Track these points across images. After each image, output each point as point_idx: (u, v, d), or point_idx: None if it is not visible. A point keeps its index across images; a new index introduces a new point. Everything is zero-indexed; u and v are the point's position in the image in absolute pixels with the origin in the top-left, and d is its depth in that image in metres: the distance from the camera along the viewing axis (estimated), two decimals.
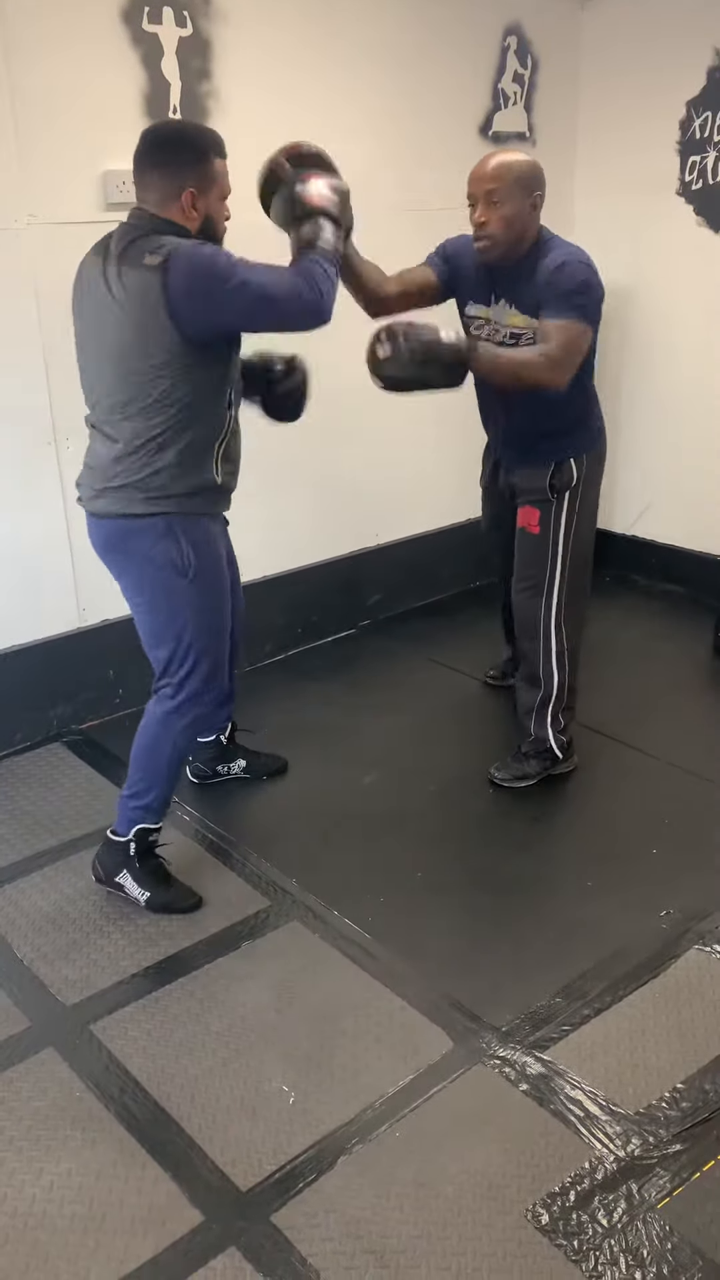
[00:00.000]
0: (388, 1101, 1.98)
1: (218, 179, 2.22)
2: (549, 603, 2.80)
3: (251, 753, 3.06)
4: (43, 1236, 1.76)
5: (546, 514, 2.73)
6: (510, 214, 2.48)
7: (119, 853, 2.50)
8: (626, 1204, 1.77)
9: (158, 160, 2.18)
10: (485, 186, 2.48)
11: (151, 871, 2.51)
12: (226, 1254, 1.71)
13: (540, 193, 2.52)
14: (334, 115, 3.38)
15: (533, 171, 2.51)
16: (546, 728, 2.91)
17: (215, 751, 2.99)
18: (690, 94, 3.75)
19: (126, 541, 2.33)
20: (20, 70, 2.73)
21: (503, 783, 2.94)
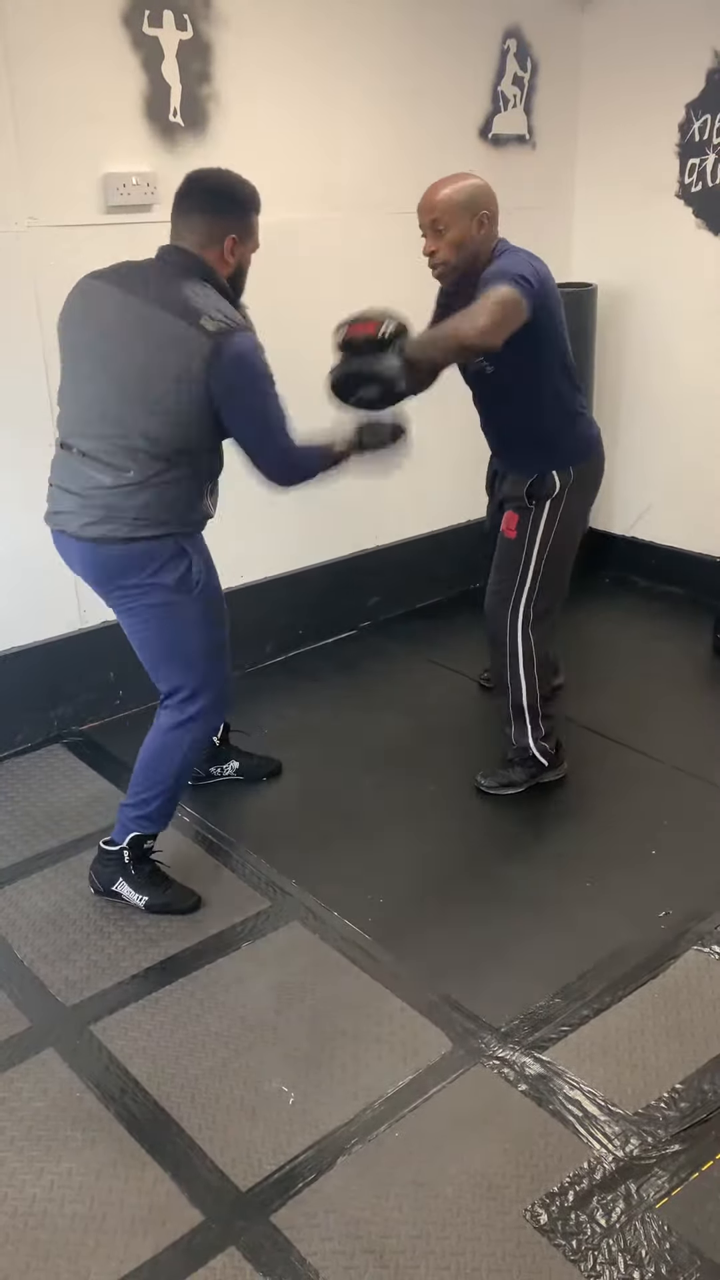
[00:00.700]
0: (387, 1102, 1.99)
1: (255, 232, 2.31)
2: (515, 608, 2.79)
3: (245, 754, 3.07)
4: (43, 1236, 1.76)
5: (524, 520, 2.73)
6: (457, 238, 2.49)
7: (113, 862, 2.51)
8: (625, 1204, 1.78)
9: (207, 206, 2.24)
10: (429, 217, 2.50)
11: (148, 875, 2.52)
12: (226, 1254, 1.72)
13: (487, 210, 2.50)
14: (334, 118, 3.40)
15: (475, 191, 2.50)
16: (526, 735, 2.90)
17: (208, 753, 3.00)
18: (689, 96, 3.75)
19: (131, 566, 2.30)
20: (21, 73, 2.74)
21: (488, 790, 2.94)
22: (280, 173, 3.31)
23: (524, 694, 2.85)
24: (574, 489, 2.73)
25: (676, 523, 4.27)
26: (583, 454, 2.75)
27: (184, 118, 3.06)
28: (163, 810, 2.49)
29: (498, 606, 2.83)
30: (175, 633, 2.38)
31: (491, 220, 2.53)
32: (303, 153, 3.35)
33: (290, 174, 3.34)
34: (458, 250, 2.50)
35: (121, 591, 2.35)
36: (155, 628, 2.38)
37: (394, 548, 4.05)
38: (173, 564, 2.31)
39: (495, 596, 2.84)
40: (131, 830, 2.48)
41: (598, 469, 2.82)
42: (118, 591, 2.36)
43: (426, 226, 2.53)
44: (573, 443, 2.73)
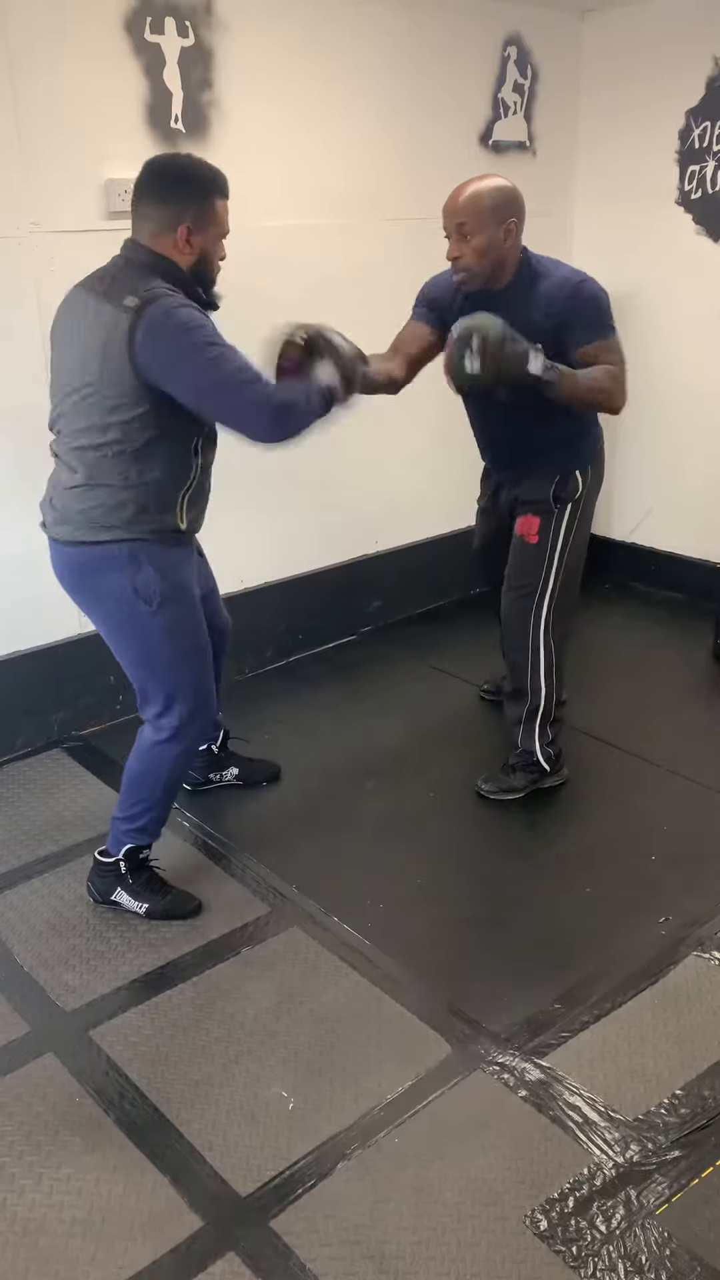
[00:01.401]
0: (387, 1107, 1.99)
1: (217, 217, 2.18)
2: (539, 613, 2.78)
3: (244, 760, 3.06)
4: (42, 1241, 1.76)
5: (547, 524, 2.73)
6: (483, 244, 2.45)
7: (110, 873, 2.51)
8: (625, 1210, 1.78)
9: (158, 193, 2.14)
10: (455, 220, 2.46)
11: (146, 883, 2.51)
12: (225, 1259, 1.72)
13: (515, 218, 2.47)
14: (335, 124, 3.41)
15: (503, 198, 2.46)
16: (534, 740, 2.90)
17: (206, 760, 3.00)
18: (690, 103, 3.76)
19: (89, 569, 2.27)
20: (23, 79, 2.75)
21: (489, 795, 2.94)
22: (281, 179, 3.32)
23: (542, 699, 2.85)
24: (590, 492, 2.76)
25: (676, 528, 4.27)
26: (596, 455, 2.78)
27: (185, 124, 3.07)
28: (154, 822, 2.49)
29: (522, 614, 2.80)
30: (139, 642, 2.32)
31: (518, 228, 2.50)
32: (304, 159, 3.36)
33: (291, 180, 3.35)
34: (483, 257, 2.47)
35: (80, 595, 2.34)
36: (119, 635, 2.34)
37: (395, 553, 4.06)
38: (125, 572, 2.22)
39: (519, 604, 2.81)
40: (125, 843, 2.48)
41: (603, 465, 2.84)
42: (78, 595, 2.34)
43: (452, 230, 2.48)
44: (590, 441, 2.76)
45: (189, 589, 2.35)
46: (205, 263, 2.20)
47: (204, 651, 2.41)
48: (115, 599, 2.27)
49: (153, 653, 2.33)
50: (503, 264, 2.51)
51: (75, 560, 2.28)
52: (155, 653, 2.33)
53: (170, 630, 2.31)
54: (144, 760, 2.43)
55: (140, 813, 2.46)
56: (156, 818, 2.48)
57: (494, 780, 2.96)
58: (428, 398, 2.96)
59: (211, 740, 2.97)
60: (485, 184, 2.47)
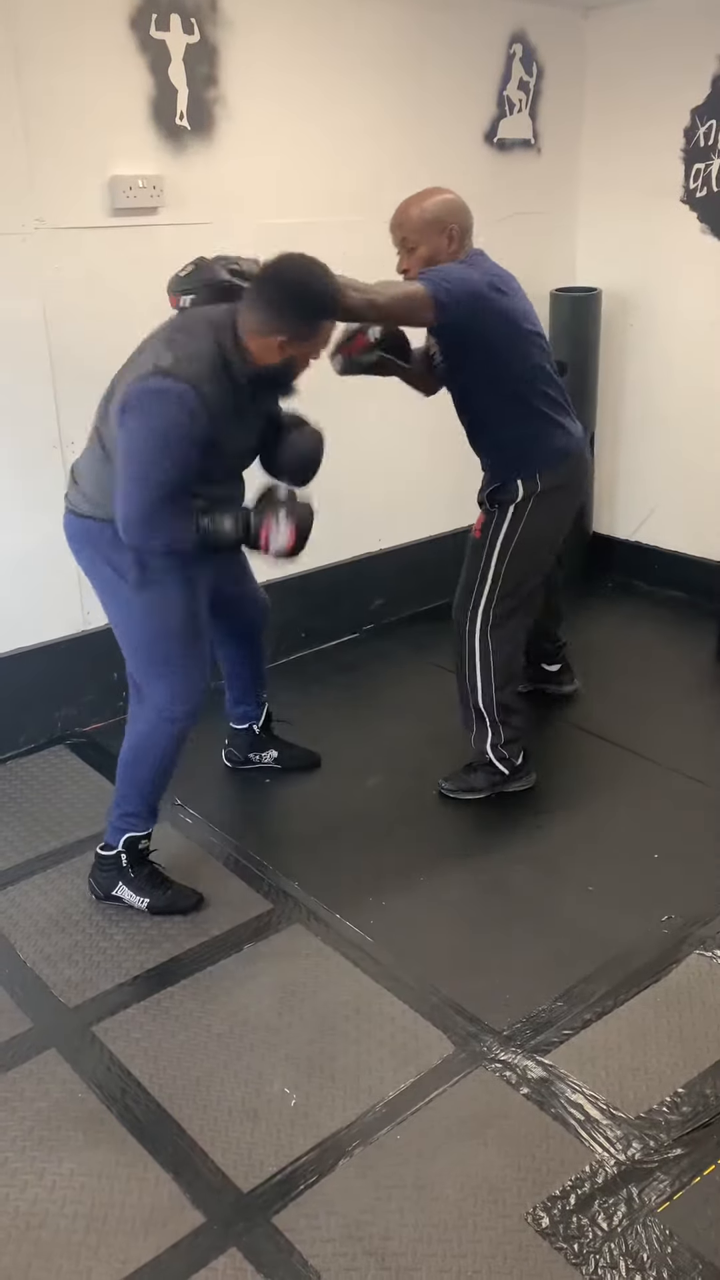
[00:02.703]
0: (389, 1104, 1.99)
1: (320, 340, 2.23)
2: (474, 609, 2.78)
3: (285, 744, 3.10)
4: (45, 1236, 1.76)
5: (489, 521, 2.74)
6: (426, 255, 2.52)
7: (111, 866, 2.51)
8: (627, 1208, 1.78)
9: (275, 303, 2.14)
10: (399, 235, 2.56)
11: (147, 878, 2.52)
12: (227, 1255, 1.72)
13: (456, 225, 2.51)
14: (340, 122, 3.40)
15: (443, 209, 2.52)
16: (485, 740, 2.88)
17: (248, 740, 3.05)
18: (695, 101, 3.76)
19: (82, 540, 2.38)
20: (29, 76, 2.75)
21: (449, 793, 2.94)
22: (286, 176, 3.32)
23: (479, 696, 2.84)
24: (541, 498, 2.69)
25: (680, 527, 4.27)
26: (550, 463, 2.70)
27: (190, 121, 3.07)
28: (148, 808, 2.50)
29: (459, 608, 2.84)
30: (121, 617, 2.41)
31: (463, 234, 2.55)
32: (308, 156, 3.35)
33: (296, 178, 3.35)
34: (427, 265, 2.51)
35: (78, 562, 2.44)
36: (106, 606, 2.44)
37: (398, 550, 4.06)
38: (113, 550, 2.30)
39: (458, 597, 2.85)
40: (123, 831, 2.49)
41: (571, 480, 2.77)
42: (78, 558, 2.43)
43: (398, 244, 2.57)
44: (538, 451, 2.68)
45: (180, 579, 2.35)
46: (293, 367, 2.24)
47: (188, 637, 2.40)
48: (104, 574, 2.37)
49: (132, 633, 2.40)
50: None
51: (78, 529, 2.38)
52: (137, 634, 2.40)
53: (149, 609, 2.36)
54: (131, 743, 2.47)
55: (130, 796, 2.47)
56: (148, 804, 2.49)
57: (455, 779, 2.96)
58: (432, 397, 2.96)
59: (254, 720, 3.02)
60: (426, 198, 2.54)
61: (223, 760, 3.11)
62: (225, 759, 3.10)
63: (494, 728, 2.87)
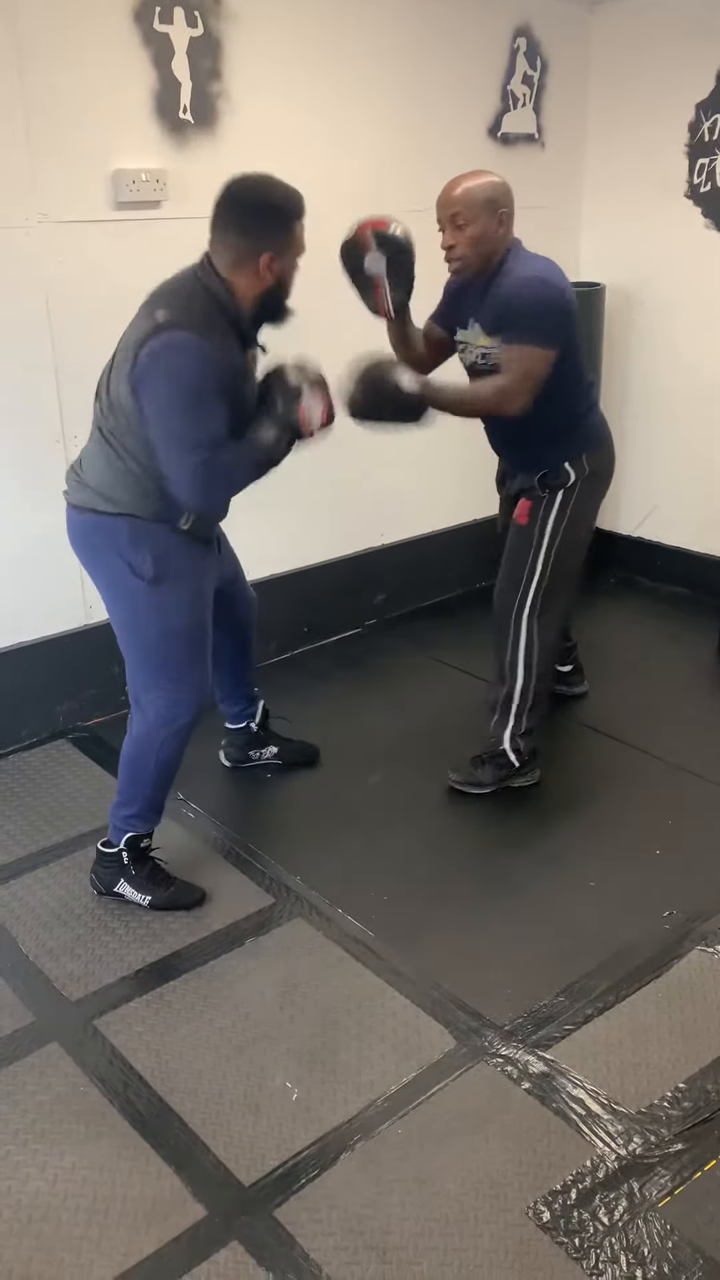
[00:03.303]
0: (390, 1099, 1.99)
1: (296, 241, 2.23)
2: (524, 595, 2.78)
3: (284, 740, 3.10)
4: (46, 1229, 1.77)
5: (537, 508, 2.74)
6: (477, 234, 2.49)
7: (112, 863, 2.51)
8: (628, 1202, 1.78)
9: (240, 223, 2.16)
10: (450, 211, 2.50)
11: (149, 874, 2.52)
12: (229, 1248, 1.72)
13: (506, 209, 2.51)
14: (343, 116, 3.40)
15: (496, 190, 2.51)
16: (505, 729, 2.86)
17: (247, 738, 3.04)
18: (699, 96, 3.75)
19: (93, 538, 2.34)
20: (32, 70, 2.74)
21: (456, 786, 2.93)
22: (289, 170, 3.25)
23: (518, 686, 2.84)
24: (586, 481, 2.73)
25: (683, 523, 4.26)
26: (592, 446, 2.76)
27: (194, 114, 3.06)
28: (150, 808, 2.50)
29: (506, 593, 2.82)
30: (129, 616, 2.38)
31: (510, 219, 2.54)
32: (312, 150, 3.34)
33: (299, 171, 3.29)
34: (476, 246, 2.51)
35: (86, 559, 2.40)
36: (110, 600, 2.40)
37: (401, 545, 4.05)
38: (124, 547, 2.29)
39: (504, 583, 2.83)
40: (125, 831, 2.48)
41: (609, 460, 2.83)
42: (83, 557, 2.40)
43: (446, 221, 2.52)
44: (583, 436, 2.74)
45: (190, 577, 2.37)
46: (281, 286, 2.24)
47: (196, 637, 2.41)
48: (115, 570, 2.33)
49: (142, 632, 2.38)
50: (494, 254, 2.54)
51: (86, 527, 2.35)
52: (144, 632, 2.38)
53: (161, 608, 2.34)
54: (132, 743, 2.46)
55: (132, 799, 2.47)
56: (150, 804, 2.49)
57: (462, 771, 2.94)
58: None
59: (250, 718, 3.01)
60: (478, 177, 2.52)
61: (221, 760, 3.09)
62: (224, 759, 3.08)
63: (517, 717, 2.87)
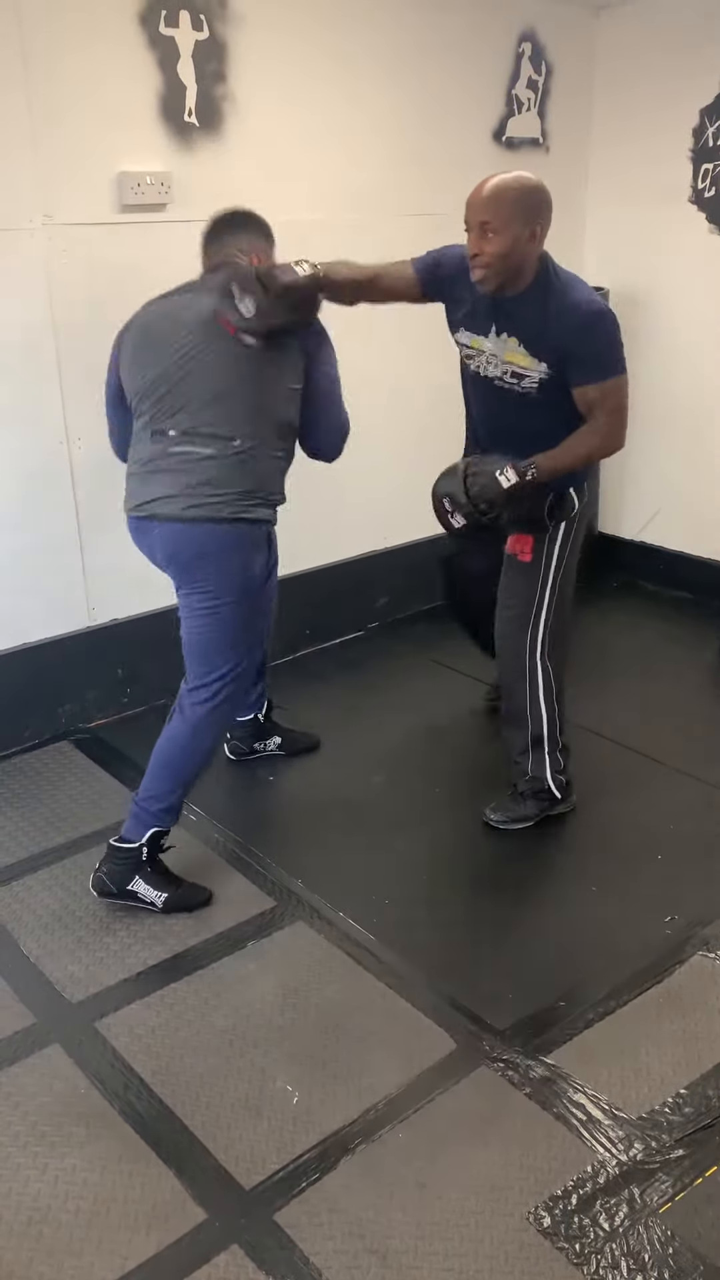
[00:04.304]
0: (391, 1102, 1.99)
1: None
2: (534, 635, 2.69)
3: (286, 730, 3.14)
4: (47, 1231, 1.77)
5: (541, 541, 2.64)
6: (506, 246, 2.30)
7: (129, 859, 2.49)
8: (628, 1208, 1.78)
9: (239, 227, 2.53)
10: (480, 217, 2.29)
11: (163, 873, 2.52)
12: (229, 1251, 1.72)
13: (542, 223, 2.33)
14: (347, 119, 3.40)
15: (532, 198, 2.31)
16: (545, 768, 2.77)
17: (252, 729, 3.09)
18: (704, 101, 3.75)
19: (234, 546, 2.38)
20: (37, 72, 2.75)
21: (499, 825, 2.79)
22: (294, 174, 3.32)
23: (544, 724, 2.75)
24: (585, 508, 2.69)
25: (685, 528, 4.26)
26: (592, 469, 2.71)
27: (199, 118, 3.06)
28: (179, 801, 2.51)
29: (515, 634, 2.70)
30: (242, 618, 2.45)
31: (545, 232, 2.35)
32: (317, 154, 3.35)
33: (304, 175, 3.35)
34: (504, 259, 2.32)
35: (202, 569, 2.40)
36: (229, 606, 2.42)
37: (403, 549, 4.05)
38: (258, 551, 2.44)
39: (512, 624, 2.71)
40: (152, 825, 2.48)
41: (597, 483, 2.79)
42: (199, 568, 2.40)
43: (474, 225, 2.31)
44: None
45: (264, 573, 2.55)
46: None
47: (261, 629, 2.64)
48: (246, 575, 2.42)
49: (245, 631, 2.48)
50: (522, 268, 2.36)
51: (219, 539, 2.37)
52: (247, 631, 2.49)
53: (263, 609, 2.60)
54: (186, 733, 2.47)
55: (170, 790, 2.47)
56: (183, 795, 2.51)
57: (503, 809, 2.82)
58: (437, 392, 2.96)
59: (258, 709, 3.06)
60: (513, 180, 2.31)
61: (225, 753, 3.11)
62: (229, 752, 3.12)
63: (552, 754, 2.78)
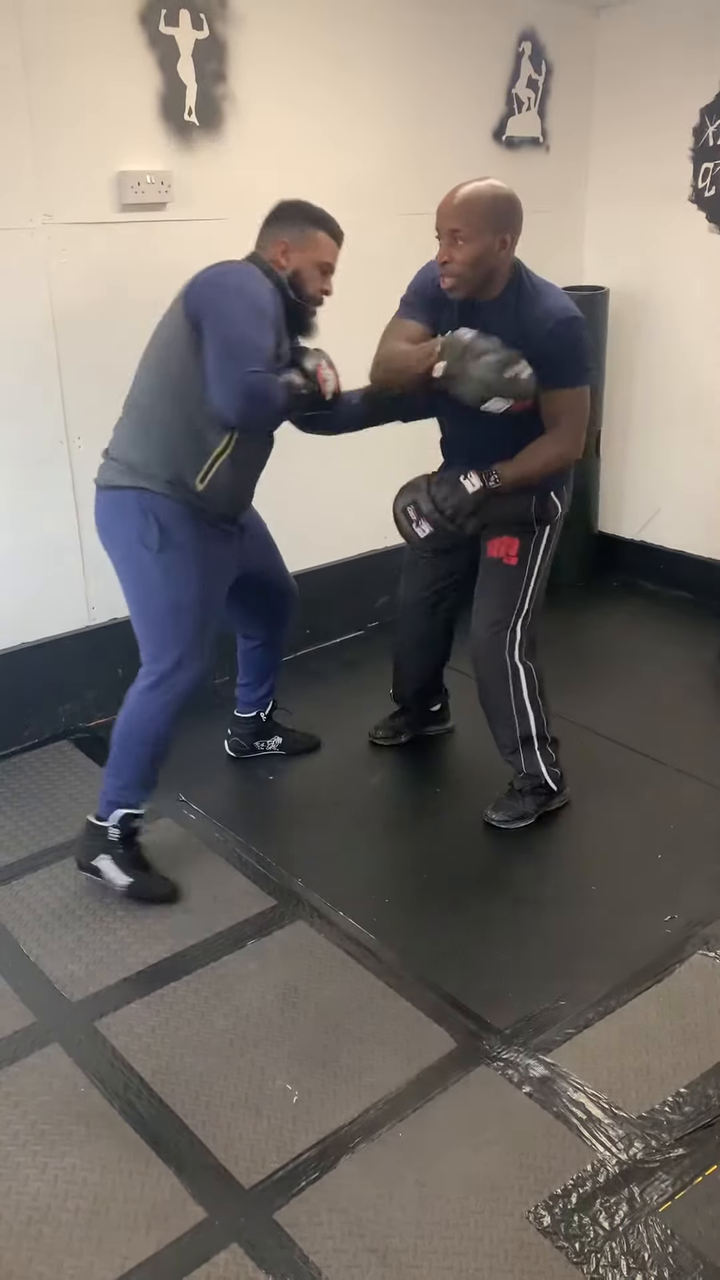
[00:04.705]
0: (391, 1101, 1.99)
1: (316, 246, 2.42)
2: (514, 636, 2.69)
3: (287, 731, 3.14)
4: (46, 1230, 1.76)
5: (526, 544, 2.64)
6: (476, 254, 2.33)
7: (98, 836, 2.53)
8: (628, 1207, 1.78)
9: (273, 219, 2.46)
10: (450, 224, 2.33)
11: (133, 858, 2.54)
12: (229, 1250, 1.72)
13: (512, 232, 2.35)
14: (348, 119, 3.40)
15: (502, 207, 2.33)
16: (538, 764, 2.78)
17: (254, 728, 3.09)
18: (704, 101, 3.75)
19: (110, 513, 2.43)
20: (38, 71, 2.75)
21: (500, 824, 2.80)
22: (293, 173, 3.31)
23: (530, 722, 2.74)
24: (565, 509, 2.70)
25: (686, 527, 4.27)
26: (571, 475, 2.70)
27: (199, 117, 3.06)
28: (139, 780, 2.52)
29: (496, 637, 2.70)
30: (139, 587, 2.45)
31: (515, 240, 2.38)
32: (317, 153, 3.35)
33: (304, 174, 3.34)
34: (474, 267, 2.35)
35: (104, 536, 2.48)
36: (124, 573, 2.47)
37: (403, 549, 4.03)
38: (136, 518, 2.38)
39: (494, 627, 2.70)
40: (115, 802, 2.51)
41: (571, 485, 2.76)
42: (102, 535, 2.48)
43: (444, 232, 2.36)
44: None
45: (194, 550, 2.42)
46: (299, 281, 2.42)
47: (200, 615, 2.47)
48: (127, 541, 2.41)
49: (149, 603, 2.45)
50: (493, 275, 2.39)
51: (104, 504, 2.45)
52: (150, 603, 2.45)
53: (167, 578, 2.42)
54: (129, 709, 2.50)
55: (122, 768, 2.50)
56: (141, 774, 2.51)
57: (503, 808, 2.82)
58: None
59: (263, 707, 3.06)
60: (484, 189, 2.34)
61: (226, 750, 3.12)
62: (229, 749, 3.12)
63: (543, 749, 2.79)
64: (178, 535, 2.39)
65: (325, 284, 2.47)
